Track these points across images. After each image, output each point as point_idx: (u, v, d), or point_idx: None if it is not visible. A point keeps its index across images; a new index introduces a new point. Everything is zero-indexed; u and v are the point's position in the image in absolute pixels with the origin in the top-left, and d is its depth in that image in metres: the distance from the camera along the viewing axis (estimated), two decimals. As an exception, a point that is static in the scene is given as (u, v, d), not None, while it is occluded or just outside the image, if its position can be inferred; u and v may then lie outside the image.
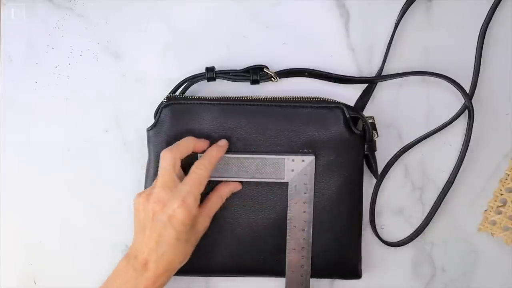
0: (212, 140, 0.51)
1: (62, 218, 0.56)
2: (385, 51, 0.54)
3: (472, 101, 0.54)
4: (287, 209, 0.51)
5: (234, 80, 0.54)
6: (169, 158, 0.48)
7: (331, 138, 0.51)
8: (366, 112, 0.55)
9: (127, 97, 0.55)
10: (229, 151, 0.51)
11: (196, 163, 0.48)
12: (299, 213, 0.51)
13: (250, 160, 0.51)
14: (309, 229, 0.51)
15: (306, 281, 0.52)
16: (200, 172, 0.48)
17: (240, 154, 0.51)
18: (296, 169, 0.51)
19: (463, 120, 0.55)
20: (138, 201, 0.48)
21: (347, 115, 0.50)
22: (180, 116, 0.51)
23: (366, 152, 0.52)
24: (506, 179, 0.56)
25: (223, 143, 0.50)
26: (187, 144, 0.49)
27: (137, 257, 0.46)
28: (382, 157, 0.54)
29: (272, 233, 0.51)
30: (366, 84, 0.55)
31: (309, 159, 0.51)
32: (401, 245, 0.56)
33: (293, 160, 0.51)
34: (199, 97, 0.53)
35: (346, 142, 0.50)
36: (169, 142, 0.51)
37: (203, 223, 0.49)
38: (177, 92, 0.53)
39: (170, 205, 0.46)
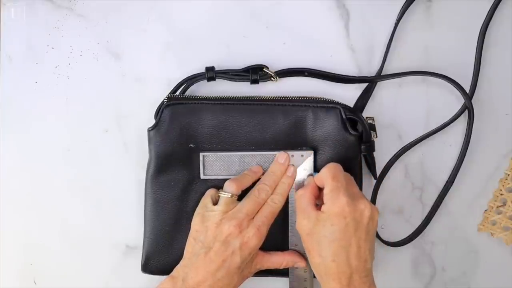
0: (214, 139, 0.51)
1: (62, 218, 0.56)
2: (385, 51, 0.54)
3: (472, 101, 0.54)
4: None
5: (234, 80, 0.54)
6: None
7: (328, 138, 0.51)
8: (366, 112, 0.55)
9: (127, 97, 0.55)
10: (230, 149, 0.51)
11: (271, 197, 0.50)
12: None
13: (251, 157, 0.51)
14: None
15: (309, 277, 0.52)
16: (274, 205, 0.49)
17: (241, 152, 0.51)
18: (295, 164, 0.51)
19: (463, 120, 0.55)
20: (209, 221, 0.48)
21: (344, 116, 0.51)
22: (181, 116, 0.51)
23: (363, 153, 0.52)
24: (506, 179, 0.56)
25: (291, 172, 0.50)
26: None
27: (185, 280, 0.47)
28: (382, 157, 0.55)
29: (275, 229, 0.51)
30: (366, 84, 0.55)
31: (308, 154, 0.51)
32: (401, 245, 0.56)
33: (292, 156, 0.51)
34: (199, 96, 0.53)
35: (343, 142, 0.51)
36: (170, 142, 0.51)
37: (257, 264, 0.50)
38: (177, 92, 0.54)
39: (247, 232, 0.47)
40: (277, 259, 0.51)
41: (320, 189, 0.49)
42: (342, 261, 0.44)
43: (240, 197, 0.50)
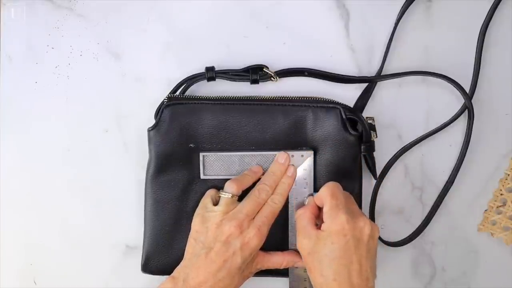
0: (214, 139, 0.51)
1: (62, 218, 0.56)
2: (385, 51, 0.54)
3: (472, 101, 0.54)
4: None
5: (234, 80, 0.54)
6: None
7: (328, 138, 0.51)
8: (366, 112, 0.55)
9: (127, 97, 0.55)
10: (230, 149, 0.51)
11: (271, 197, 0.49)
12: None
13: (251, 157, 0.51)
14: None
15: (309, 277, 0.52)
16: (275, 205, 0.49)
17: (241, 152, 0.51)
18: (295, 164, 0.51)
19: (463, 120, 0.55)
20: (209, 221, 0.48)
21: (344, 116, 0.51)
22: (181, 116, 0.51)
23: (363, 153, 0.52)
24: (506, 179, 0.56)
25: (291, 172, 0.51)
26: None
27: (186, 280, 0.46)
28: (382, 157, 0.55)
29: (275, 229, 0.51)
30: (366, 84, 0.55)
31: (308, 154, 0.51)
32: (401, 245, 0.56)
33: (292, 156, 0.51)
34: (199, 96, 0.53)
35: (344, 142, 0.51)
36: (170, 142, 0.51)
37: (257, 264, 0.50)
38: (177, 92, 0.54)
39: (247, 232, 0.47)
40: (277, 259, 0.51)
41: (320, 209, 0.49)
42: (344, 280, 0.44)
43: (240, 197, 0.50)
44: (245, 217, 0.48)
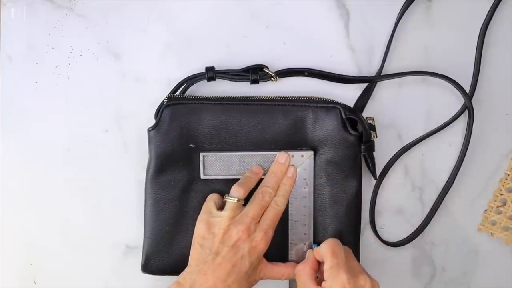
0: (214, 139, 0.51)
1: (62, 218, 0.56)
2: (385, 51, 0.54)
3: (472, 101, 0.54)
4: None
5: (234, 80, 0.54)
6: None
7: (328, 138, 0.51)
8: (366, 112, 0.55)
9: (127, 97, 0.55)
10: (230, 149, 0.51)
11: (274, 199, 0.50)
12: (300, 208, 0.52)
13: (251, 157, 0.51)
14: (310, 223, 0.52)
15: None
16: (278, 208, 0.50)
17: (241, 152, 0.51)
18: (295, 165, 0.51)
19: (463, 120, 0.55)
20: (215, 226, 0.48)
21: (344, 116, 0.51)
22: (181, 116, 0.51)
23: (363, 153, 0.52)
24: (506, 179, 0.56)
25: (291, 173, 0.51)
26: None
27: (194, 287, 0.46)
28: (382, 157, 0.55)
29: (276, 230, 0.51)
30: (366, 84, 0.55)
31: (308, 154, 0.51)
32: (401, 245, 0.56)
33: (292, 156, 0.51)
34: (199, 97, 0.53)
35: (343, 142, 0.51)
36: (170, 142, 0.51)
37: (261, 272, 0.50)
38: (177, 92, 0.54)
39: (254, 236, 0.47)
40: (279, 270, 0.51)
41: (320, 263, 0.49)
42: None
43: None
44: (252, 221, 0.48)
